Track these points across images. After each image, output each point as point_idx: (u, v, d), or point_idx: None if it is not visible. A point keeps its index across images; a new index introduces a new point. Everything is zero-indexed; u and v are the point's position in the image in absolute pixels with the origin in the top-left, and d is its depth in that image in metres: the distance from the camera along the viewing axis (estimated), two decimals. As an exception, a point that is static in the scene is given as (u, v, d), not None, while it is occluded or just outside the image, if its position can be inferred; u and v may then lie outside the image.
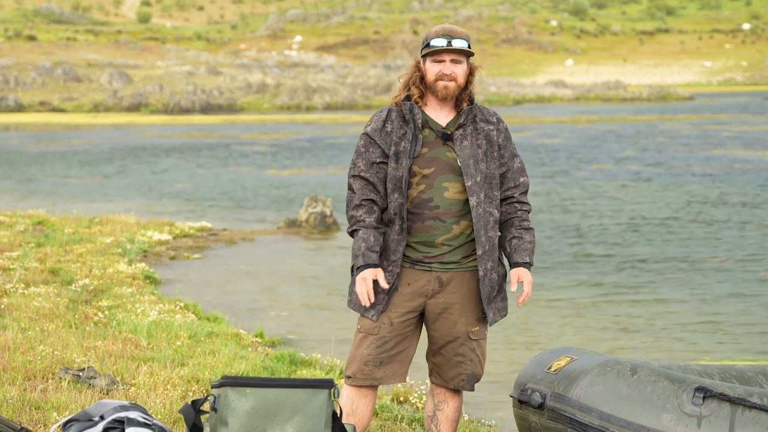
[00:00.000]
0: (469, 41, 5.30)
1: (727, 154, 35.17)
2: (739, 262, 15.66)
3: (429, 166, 5.21)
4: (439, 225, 5.21)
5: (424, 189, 5.20)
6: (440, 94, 5.24)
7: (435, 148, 5.23)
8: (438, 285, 5.25)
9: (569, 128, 49.95)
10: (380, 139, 5.25)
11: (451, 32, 5.25)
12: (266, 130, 50.27)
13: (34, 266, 12.39)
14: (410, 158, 5.18)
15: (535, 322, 11.68)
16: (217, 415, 4.65)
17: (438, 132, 5.26)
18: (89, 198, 24.48)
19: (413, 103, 5.28)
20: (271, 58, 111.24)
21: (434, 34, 5.27)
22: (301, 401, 4.67)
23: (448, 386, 5.35)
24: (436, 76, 5.25)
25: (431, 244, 5.22)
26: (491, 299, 5.27)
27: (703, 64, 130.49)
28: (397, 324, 5.25)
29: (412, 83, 5.33)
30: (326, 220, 18.73)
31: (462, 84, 5.27)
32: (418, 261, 5.24)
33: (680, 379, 5.11)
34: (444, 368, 5.34)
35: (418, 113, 5.24)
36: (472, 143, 5.25)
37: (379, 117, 5.31)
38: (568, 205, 22.50)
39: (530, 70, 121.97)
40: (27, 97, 71.78)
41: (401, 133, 5.23)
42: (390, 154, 5.22)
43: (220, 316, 10.52)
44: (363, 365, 5.24)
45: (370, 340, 5.25)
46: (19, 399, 6.42)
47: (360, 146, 5.29)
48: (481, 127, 5.30)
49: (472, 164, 5.20)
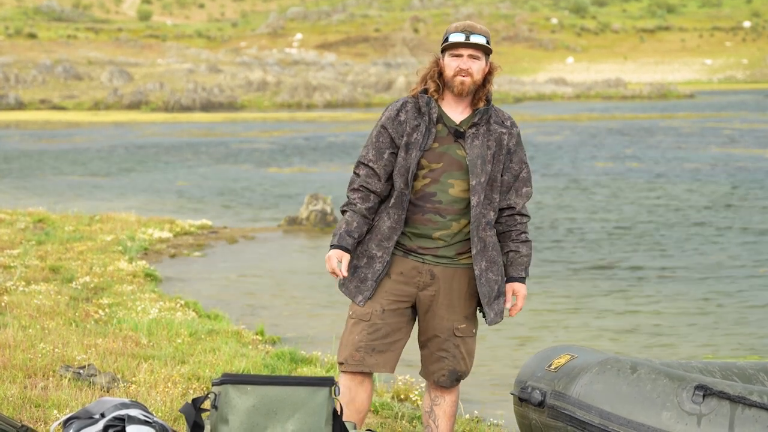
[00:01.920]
0: (488, 38, 5.32)
1: (727, 151, 35.16)
2: (740, 260, 15.66)
3: (438, 161, 5.24)
4: (439, 220, 5.24)
5: (429, 183, 5.24)
6: (456, 90, 5.25)
7: (446, 144, 5.26)
8: (429, 278, 5.28)
9: (570, 126, 49.95)
10: (392, 128, 5.28)
11: (471, 28, 5.28)
12: (267, 128, 50.26)
13: (35, 264, 12.39)
14: (420, 150, 5.21)
15: (535, 319, 11.68)
16: (217, 412, 4.65)
17: (451, 128, 5.28)
18: (90, 196, 24.49)
19: (430, 96, 5.30)
20: (271, 55, 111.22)
21: (454, 29, 5.29)
22: (301, 399, 4.67)
23: (429, 380, 5.38)
24: (453, 71, 5.26)
25: (428, 236, 5.25)
26: (491, 300, 5.29)
27: (704, 62, 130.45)
28: (389, 312, 5.27)
29: (429, 77, 5.34)
30: (327, 217, 18.73)
31: (478, 81, 5.29)
32: (412, 251, 5.28)
33: (680, 377, 5.11)
34: (427, 362, 5.38)
35: (434, 107, 5.27)
36: (482, 143, 5.26)
37: (394, 106, 5.34)
38: (568, 203, 22.50)
39: (531, 68, 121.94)
40: (27, 94, 71.77)
41: (414, 125, 5.26)
42: (401, 144, 5.25)
43: (221, 313, 10.52)
44: (355, 351, 5.27)
45: (362, 326, 5.28)
46: (19, 397, 6.43)
47: (373, 135, 5.33)
48: (494, 128, 5.32)
49: (479, 164, 5.22)
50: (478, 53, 5.27)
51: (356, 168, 5.32)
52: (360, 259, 5.29)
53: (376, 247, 5.26)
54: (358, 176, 5.29)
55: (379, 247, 5.25)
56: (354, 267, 5.29)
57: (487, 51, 5.30)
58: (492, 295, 5.28)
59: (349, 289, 5.31)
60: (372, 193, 5.27)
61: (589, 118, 56.99)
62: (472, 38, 5.24)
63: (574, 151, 36.13)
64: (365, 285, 5.26)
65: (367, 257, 5.28)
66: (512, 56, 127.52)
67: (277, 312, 11.88)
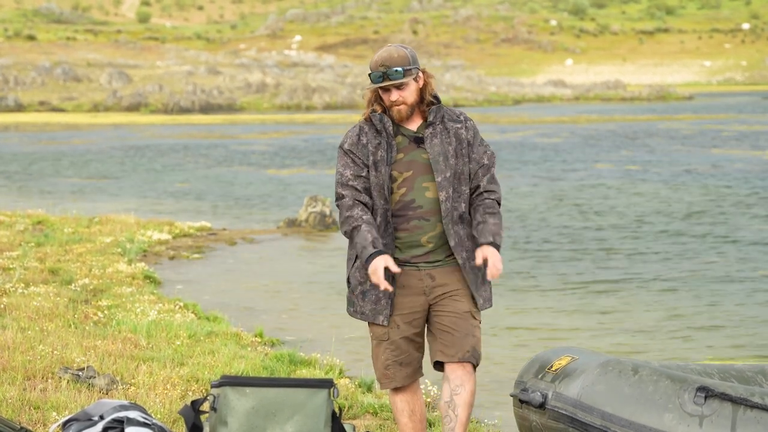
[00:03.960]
0: (408, 64, 5.37)
1: (726, 153, 35.16)
2: (739, 261, 15.65)
3: (408, 170, 5.41)
4: (424, 224, 5.40)
5: (406, 192, 5.40)
6: (396, 118, 5.43)
7: (410, 152, 5.43)
8: (431, 280, 5.42)
9: (569, 128, 49.96)
10: (358, 151, 5.42)
11: (387, 61, 5.36)
12: (266, 130, 50.27)
13: (34, 266, 12.38)
14: (388, 165, 5.38)
15: (535, 321, 11.67)
16: (216, 414, 4.64)
17: (410, 136, 5.45)
18: (89, 198, 24.47)
19: (381, 114, 5.44)
20: (270, 57, 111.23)
21: (374, 66, 5.40)
22: (300, 401, 4.67)
23: (454, 360, 5.39)
24: (388, 104, 5.42)
25: (417, 243, 5.41)
26: (478, 286, 5.44)
27: (703, 64, 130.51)
28: (404, 326, 5.42)
29: (373, 101, 5.49)
30: (326, 219, 18.72)
31: (414, 101, 5.43)
32: (406, 262, 5.42)
33: (682, 379, 5.10)
34: (449, 342, 5.41)
35: (388, 122, 5.43)
36: (442, 141, 5.43)
37: (353, 132, 5.49)
38: (567, 205, 22.49)
39: (530, 70, 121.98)
40: (26, 96, 71.77)
41: (376, 143, 5.42)
42: (369, 164, 5.40)
43: (220, 315, 10.51)
44: (385, 370, 5.46)
45: (384, 345, 5.44)
46: (18, 399, 6.42)
47: (341, 160, 5.45)
48: (450, 125, 5.48)
49: (441, 161, 5.39)
50: (404, 80, 5.36)
51: (340, 192, 5.40)
52: (364, 284, 5.41)
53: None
54: (344, 197, 5.39)
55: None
56: (362, 293, 5.43)
57: (411, 74, 5.38)
58: (477, 281, 5.43)
59: (366, 313, 5.44)
60: (366, 206, 5.38)
61: (588, 120, 57.00)
62: (391, 73, 5.33)
63: (572, 152, 36.12)
64: (380, 305, 5.41)
65: (370, 279, 5.36)
66: (511, 58, 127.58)
67: (276, 314, 11.87)
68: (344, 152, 5.44)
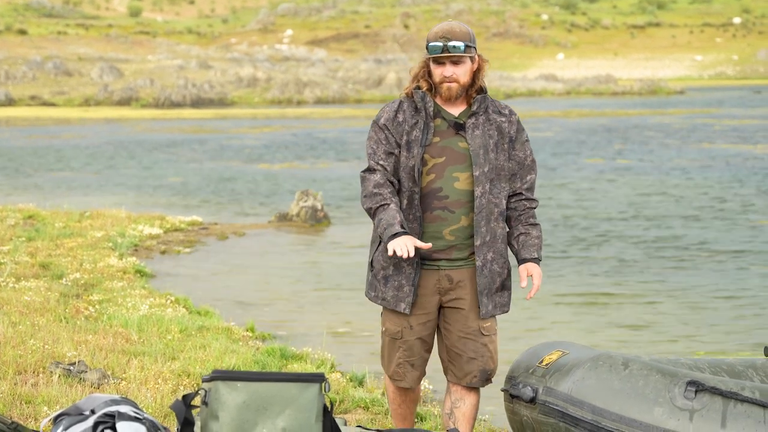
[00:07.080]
0: (469, 40, 5.20)
1: (717, 147, 35.20)
2: (730, 256, 15.68)
3: (440, 156, 5.18)
4: (448, 215, 5.19)
5: (434, 178, 5.18)
6: (444, 95, 5.21)
7: (447, 138, 5.21)
8: (448, 282, 5.25)
9: (560, 122, 49.98)
10: (393, 128, 5.21)
11: (449, 33, 5.17)
12: (257, 124, 50.22)
13: (25, 260, 12.36)
14: (422, 147, 5.15)
15: (526, 316, 11.68)
16: (208, 409, 4.64)
17: (450, 121, 5.23)
18: (80, 192, 24.44)
19: (424, 92, 5.24)
20: (261, 52, 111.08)
21: (433, 36, 5.19)
22: (292, 395, 4.66)
23: (460, 383, 5.35)
24: (439, 79, 5.21)
25: (439, 235, 5.20)
26: (492, 292, 5.27)
27: (694, 58, 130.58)
28: (417, 327, 5.29)
29: (420, 77, 5.28)
30: (317, 214, 18.71)
31: (466, 83, 5.22)
32: (426, 259, 5.23)
33: (672, 373, 5.11)
34: (457, 365, 5.34)
35: (430, 102, 5.21)
36: (483, 132, 5.22)
37: (391, 107, 5.27)
38: (560, 200, 22.51)
39: (521, 64, 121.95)
40: (17, 91, 71.60)
41: (413, 122, 5.20)
42: (402, 144, 5.19)
43: (211, 310, 10.51)
44: (397, 368, 5.35)
45: (397, 344, 5.32)
46: (9, 393, 6.41)
47: (374, 136, 5.24)
48: (494, 118, 5.27)
49: (482, 154, 5.18)
50: (461, 56, 5.20)
51: (372, 167, 5.20)
52: (387, 269, 5.25)
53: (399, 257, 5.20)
54: (376, 171, 5.18)
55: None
56: (384, 278, 5.25)
57: (470, 52, 5.22)
58: (493, 287, 5.27)
59: (387, 299, 5.26)
60: (394, 188, 5.18)
61: (580, 114, 57.02)
62: (451, 47, 5.14)
63: (564, 146, 36.13)
64: (403, 292, 5.23)
65: (393, 264, 5.23)
66: (502, 52, 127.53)
67: (267, 308, 11.87)
68: (379, 128, 5.22)
